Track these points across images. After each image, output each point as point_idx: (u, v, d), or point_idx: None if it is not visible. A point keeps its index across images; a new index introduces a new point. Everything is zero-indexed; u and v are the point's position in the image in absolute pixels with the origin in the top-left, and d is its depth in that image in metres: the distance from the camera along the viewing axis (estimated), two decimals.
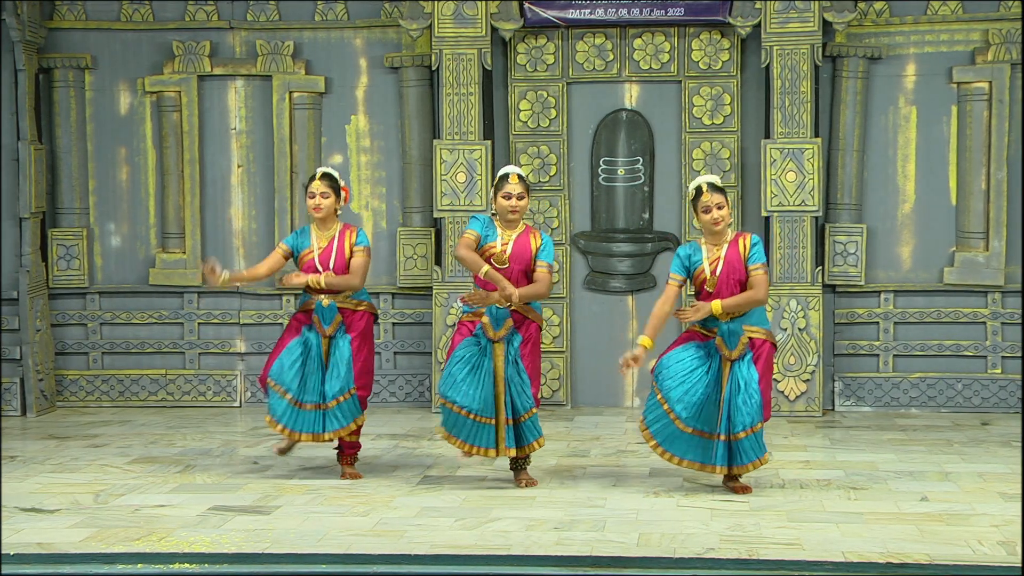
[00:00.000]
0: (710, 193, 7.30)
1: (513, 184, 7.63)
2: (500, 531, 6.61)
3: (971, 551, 6.17)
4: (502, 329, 7.59)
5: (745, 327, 7.33)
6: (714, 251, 7.37)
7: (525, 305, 7.65)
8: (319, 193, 7.93)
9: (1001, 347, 10.34)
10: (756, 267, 7.32)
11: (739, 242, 7.36)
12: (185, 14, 10.84)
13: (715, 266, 7.33)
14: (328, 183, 7.95)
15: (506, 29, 10.38)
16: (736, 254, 7.34)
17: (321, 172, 8.00)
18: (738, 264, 7.32)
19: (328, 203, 7.93)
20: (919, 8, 10.38)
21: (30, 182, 10.49)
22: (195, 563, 6.06)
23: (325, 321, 7.88)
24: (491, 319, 7.60)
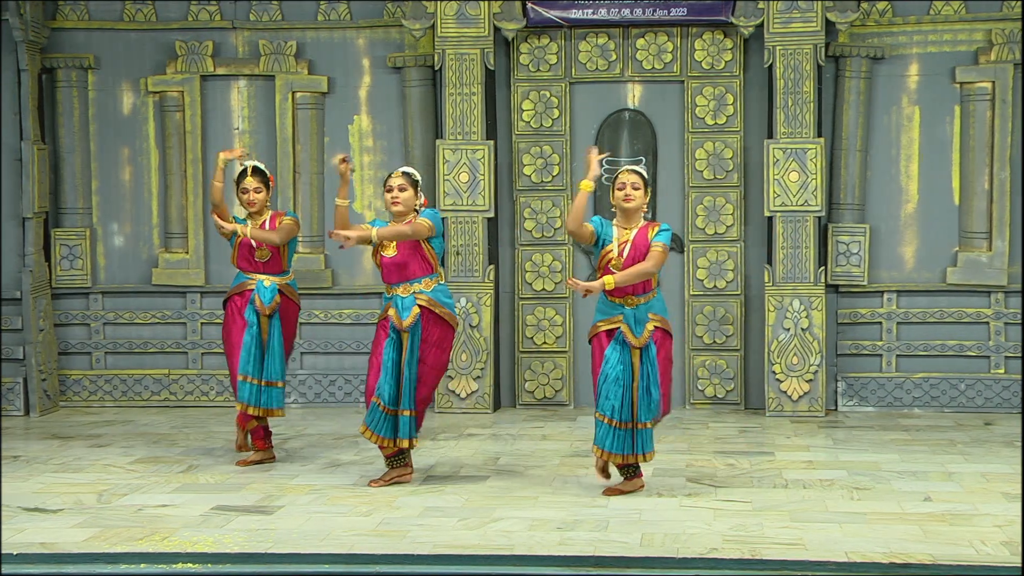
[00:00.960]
0: (627, 174, 7.41)
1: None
2: (503, 531, 6.61)
3: (974, 551, 6.16)
4: (408, 318, 7.67)
5: (650, 314, 7.38)
6: (624, 233, 7.41)
7: (429, 298, 7.72)
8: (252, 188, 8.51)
9: (1004, 347, 10.33)
10: (657, 243, 7.33)
11: (648, 229, 7.42)
12: (188, 14, 10.85)
13: (623, 248, 7.37)
14: (260, 178, 8.54)
15: (509, 29, 10.38)
16: (643, 239, 7.37)
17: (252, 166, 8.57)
18: (644, 248, 7.35)
19: (260, 197, 8.53)
20: (922, 8, 10.38)
21: (33, 182, 10.50)
22: (198, 563, 6.07)
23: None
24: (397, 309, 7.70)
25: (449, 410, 10.40)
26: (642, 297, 7.39)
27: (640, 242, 7.37)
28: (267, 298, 8.46)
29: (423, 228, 7.69)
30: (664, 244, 7.34)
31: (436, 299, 7.76)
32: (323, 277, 10.78)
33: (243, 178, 8.52)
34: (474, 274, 10.44)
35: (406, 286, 7.76)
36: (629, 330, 7.35)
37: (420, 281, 7.77)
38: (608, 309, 7.44)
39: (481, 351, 10.41)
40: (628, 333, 7.35)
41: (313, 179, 10.79)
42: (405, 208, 7.79)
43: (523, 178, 10.66)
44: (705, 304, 10.58)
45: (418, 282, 7.77)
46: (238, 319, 8.50)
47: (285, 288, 8.56)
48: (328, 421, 10.07)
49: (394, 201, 7.78)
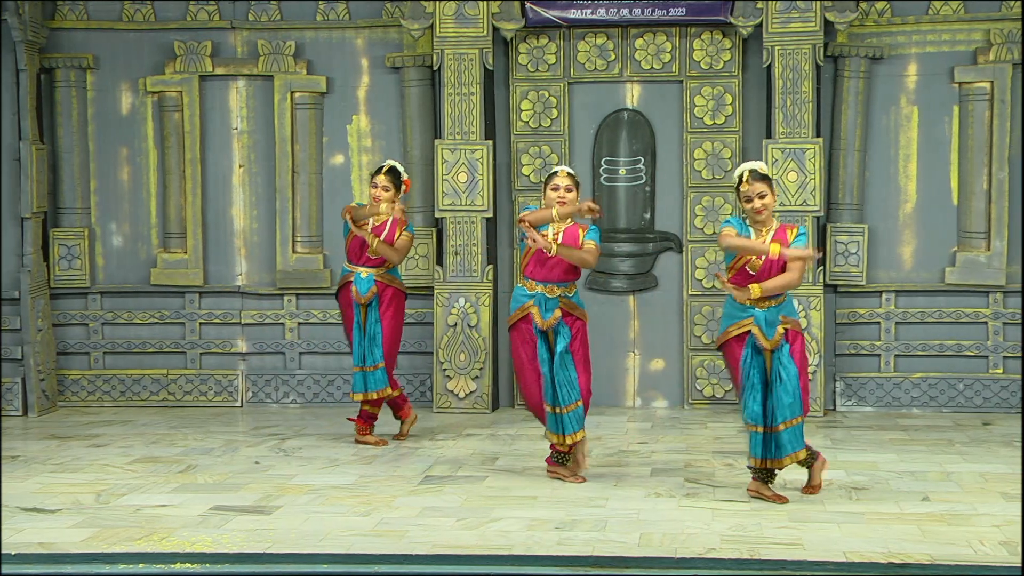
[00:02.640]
0: (750, 182, 7.25)
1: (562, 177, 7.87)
2: (501, 531, 6.61)
3: (972, 551, 6.17)
4: (551, 319, 7.81)
5: (781, 316, 7.24)
6: (759, 238, 7.27)
7: (571, 302, 7.88)
8: (380, 186, 8.88)
9: (1003, 347, 10.33)
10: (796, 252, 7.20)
11: (786, 232, 7.28)
12: (187, 14, 10.85)
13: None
14: (391, 178, 8.90)
15: (507, 29, 10.38)
16: (783, 242, 7.22)
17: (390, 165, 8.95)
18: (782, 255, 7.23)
19: (387, 196, 8.87)
20: (921, 8, 10.38)
21: (32, 182, 10.50)
22: (196, 563, 6.07)
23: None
24: (540, 307, 7.84)
25: (448, 410, 10.40)
26: (775, 299, 7.23)
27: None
28: (364, 288, 8.92)
29: (591, 260, 7.88)
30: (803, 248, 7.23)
31: (576, 303, 7.96)
32: (321, 277, 10.78)
33: (378, 173, 8.96)
34: (473, 274, 10.44)
35: (553, 288, 7.89)
36: (761, 333, 7.21)
37: (567, 285, 7.93)
38: (738, 312, 7.28)
39: (480, 351, 10.41)
40: (760, 336, 7.21)
41: (312, 179, 10.79)
42: (571, 210, 7.89)
43: (522, 178, 10.66)
44: (704, 304, 10.57)
45: (565, 286, 7.92)
46: (348, 311, 9.03)
47: (383, 276, 8.99)
48: (326, 421, 10.07)
49: (561, 200, 7.83)
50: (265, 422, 10.14)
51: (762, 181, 7.25)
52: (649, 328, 10.61)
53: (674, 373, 10.63)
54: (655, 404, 10.67)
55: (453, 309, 10.40)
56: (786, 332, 7.24)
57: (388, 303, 9.02)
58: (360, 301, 8.93)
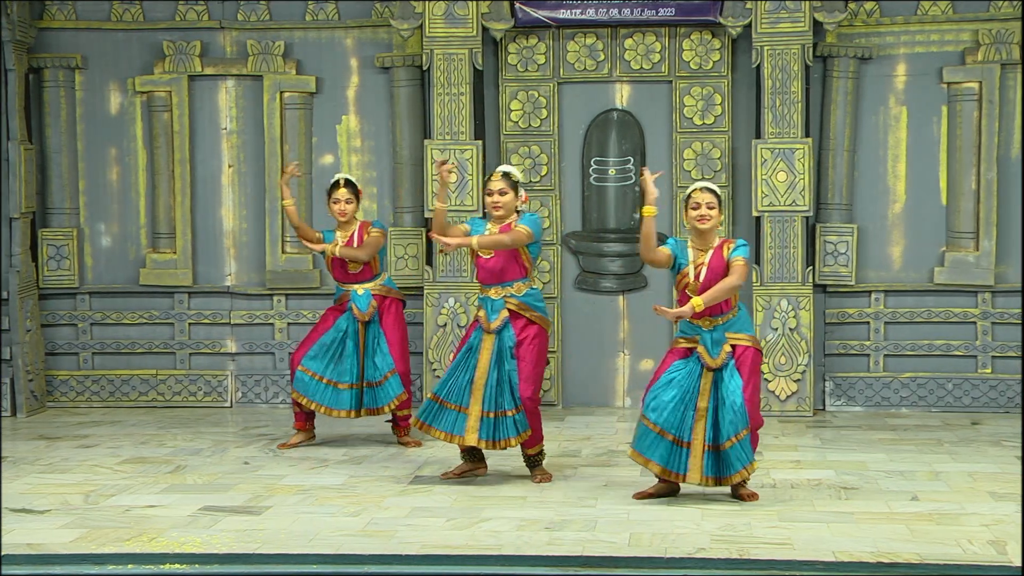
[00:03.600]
0: (702, 191, 7.28)
1: (495, 180, 7.82)
2: (491, 531, 6.61)
3: (961, 550, 6.18)
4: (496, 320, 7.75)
5: (728, 335, 7.26)
6: (699, 256, 7.30)
7: (519, 303, 7.78)
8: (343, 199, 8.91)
9: (991, 347, 10.36)
10: (737, 257, 7.22)
11: (723, 248, 7.30)
12: (175, 14, 10.83)
13: (699, 271, 7.26)
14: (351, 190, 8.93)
15: (497, 29, 10.38)
16: (720, 260, 7.25)
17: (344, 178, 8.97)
18: (721, 271, 7.22)
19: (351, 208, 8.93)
20: (909, 8, 10.40)
21: (20, 182, 10.47)
22: (186, 563, 6.06)
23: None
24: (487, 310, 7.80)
25: None
26: (721, 317, 7.24)
27: (716, 264, 7.24)
28: (363, 305, 8.90)
29: (522, 237, 7.74)
30: (744, 258, 7.23)
31: (527, 303, 7.82)
32: (311, 278, 10.77)
33: (335, 189, 8.94)
34: (462, 274, 10.43)
35: (498, 289, 7.83)
36: (706, 351, 7.23)
37: (512, 285, 7.83)
38: (689, 330, 7.32)
39: None
40: (705, 355, 7.23)
41: (301, 179, 10.78)
42: (506, 212, 7.84)
43: None
44: None
45: (510, 286, 7.83)
46: (328, 320, 9.01)
47: (381, 289, 9.00)
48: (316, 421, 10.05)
49: (495, 206, 7.81)
50: (255, 422, 10.13)
51: (712, 194, 7.28)
52: (639, 328, 10.62)
53: None
54: None
55: (443, 309, 10.40)
56: (733, 348, 7.25)
57: (388, 312, 9.00)
58: (362, 319, 8.88)
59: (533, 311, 7.80)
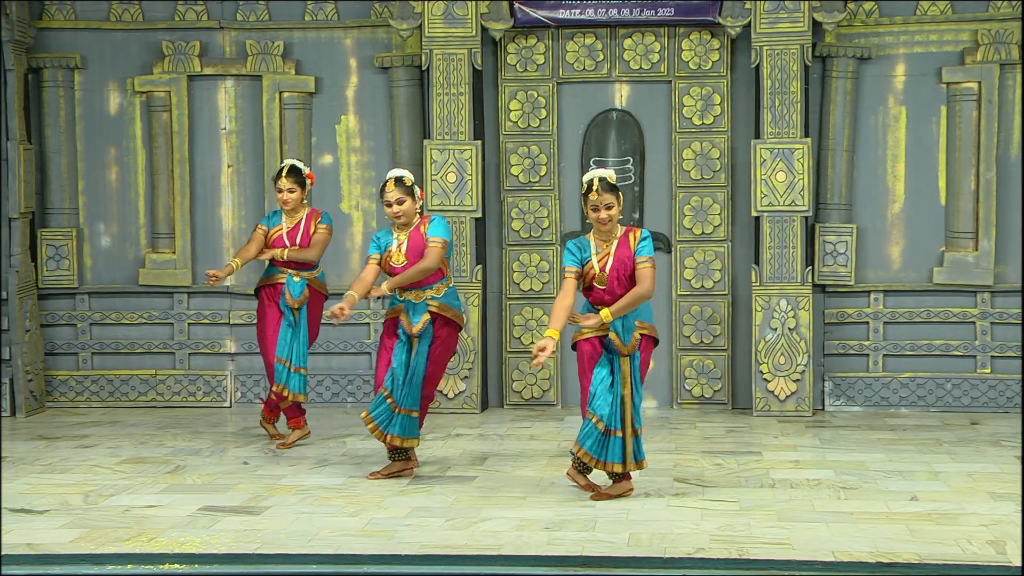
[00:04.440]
0: (599, 192, 7.23)
1: (390, 191, 7.84)
2: (490, 531, 6.61)
3: (960, 550, 6.18)
4: (419, 324, 7.78)
5: (637, 322, 7.32)
6: (603, 247, 7.33)
7: (441, 303, 7.83)
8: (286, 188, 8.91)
9: (990, 347, 10.36)
10: (643, 260, 7.26)
11: (629, 237, 7.34)
12: (175, 14, 10.83)
13: (604, 262, 7.30)
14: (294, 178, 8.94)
15: (496, 29, 10.38)
16: (627, 251, 7.30)
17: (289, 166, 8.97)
18: (628, 260, 7.28)
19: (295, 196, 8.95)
20: (908, 8, 10.40)
21: (19, 182, 10.47)
22: (185, 563, 6.06)
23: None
24: (408, 315, 7.84)
25: (437, 410, 10.39)
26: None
27: (622, 253, 7.30)
28: (296, 292, 8.96)
29: (439, 252, 7.80)
30: (650, 257, 7.28)
31: (447, 303, 7.89)
32: None
33: (279, 177, 8.97)
34: (462, 274, 10.43)
35: (418, 292, 7.85)
36: (617, 337, 7.28)
37: (432, 287, 7.87)
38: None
39: (469, 351, 10.41)
40: (617, 341, 7.28)
41: None
42: (408, 218, 7.89)
43: (511, 178, 10.67)
44: (692, 304, 10.59)
45: (430, 288, 7.87)
46: (274, 309, 9.03)
47: (314, 281, 9.06)
48: (315, 421, 10.04)
49: (396, 215, 7.87)
50: (254, 422, 10.12)
51: (611, 192, 7.25)
52: None
53: (663, 373, 10.63)
54: (643, 404, 10.64)
55: None
56: (641, 338, 7.31)
57: (313, 303, 9.04)
58: (293, 304, 8.93)
59: (452, 309, 7.90)
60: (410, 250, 7.83)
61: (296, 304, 8.95)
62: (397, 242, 7.87)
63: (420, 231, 7.88)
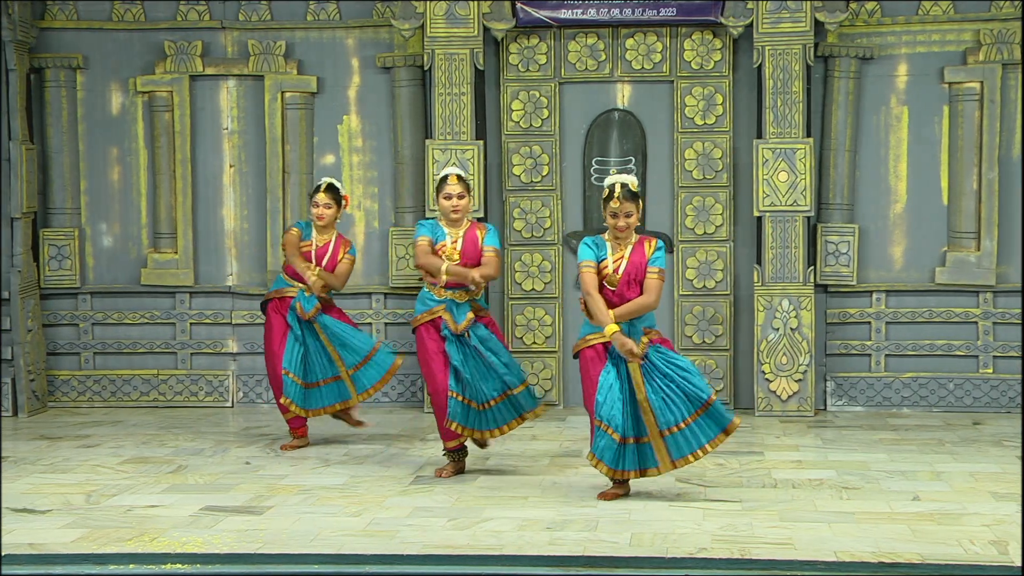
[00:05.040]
0: (620, 200, 7.25)
1: (452, 185, 7.91)
2: (492, 531, 6.61)
3: (963, 550, 6.18)
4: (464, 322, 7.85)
5: (644, 328, 7.32)
6: (619, 250, 7.36)
7: (479, 305, 7.99)
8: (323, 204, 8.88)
9: (992, 347, 10.36)
10: (652, 271, 7.29)
11: (644, 245, 7.36)
12: (177, 14, 10.83)
13: (619, 264, 7.32)
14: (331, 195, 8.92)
15: (498, 29, 10.38)
16: (641, 257, 7.32)
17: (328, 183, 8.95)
18: (642, 266, 7.31)
19: (330, 213, 8.92)
20: (911, 8, 10.40)
21: (21, 182, 10.47)
22: (187, 563, 6.06)
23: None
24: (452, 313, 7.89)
25: None
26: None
27: (637, 259, 7.31)
28: (308, 305, 8.88)
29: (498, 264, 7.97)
30: (661, 269, 7.31)
31: (481, 303, 8.03)
32: None
33: (316, 192, 8.95)
34: None
35: (462, 292, 7.94)
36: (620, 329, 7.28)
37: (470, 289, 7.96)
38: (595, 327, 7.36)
39: None
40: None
41: (303, 179, 10.78)
42: (462, 215, 8.00)
43: (512, 178, 10.67)
44: (694, 304, 10.59)
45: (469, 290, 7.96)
46: (280, 321, 8.98)
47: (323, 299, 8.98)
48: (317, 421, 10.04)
49: (455, 209, 7.93)
50: (256, 422, 10.13)
51: (631, 200, 7.28)
52: None
53: None
54: None
55: None
56: (650, 341, 7.30)
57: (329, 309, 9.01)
58: (305, 316, 8.87)
59: (484, 309, 8.05)
60: (464, 251, 7.92)
61: (308, 316, 8.85)
62: (451, 238, 7.92)
63: (475, 235, 7.95)
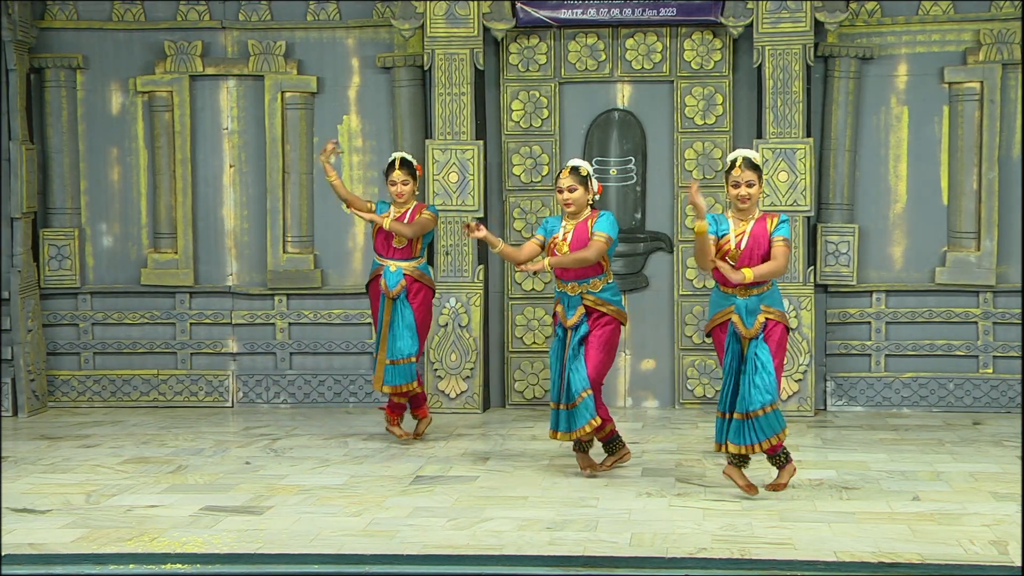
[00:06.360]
0: (742, 169, 7.25)
1: (564, 178, 7.90)
2: (492, 531, 6.61)
3: (963, 550, 6.18)
4: (574, 317, 7.83)
5: (763, 306, 7.27)
6: (741, 225, 7.32)
7: (596, 298, 7.85)
8: (400, 181, 8.96)
9: (992, 347, 10.36)
10: (778, 238, 7.26)
11: (767, 220, 7.33)
12: (177, 14, 10.83)
13: (740, 239, 7.27)
14: (407, 170, 8.99)
15: (498, 29, 10.38)
16: (763, 230, 7.29)
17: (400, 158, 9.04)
18: (763, 240, 7.26)
19: (408, 188, 8.98)
20: (911, 8, 10.40)
21: (21, 182, 10.47)
22: (187, 563, 6.06)
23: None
24: (564, 305, 7.90)
25: (438, 410, 10.40)
26: (756, 288, 7.26)
27: (759, 232, 7.28)
28: (392, 282, 8.95)
29: (603, 247, 7.83)
30: (786, 238, 7.28)
31: (604, 299, 7.89)
32: (312, 277, 10.77)
33: (391, 170, 9.02)
34: (464, 274, 10.44)
35: (574, 285, 7.89)
36: (740, 320, 7.25)
37: (588, 281, 7.88)
38: (721, 300, 7.35)
39: (471, 351, 10.41)
40: (739, 324, 7.25)
41: (303, 179, 10.79)
42: (578, 208, 7.93)
43: (512, 178, 10.67)
44: (695, 304, 10.58)
45: (587, 282, 7.88)
46: (376, 303, 9.10)
47: (413, 272, 9.03)
48: (317, 421, 10.07)
49: (567, 203, 7.90)
50: (256, 422, 10.13)
51: (753, 170, 7.28)
52: (640, 328, 10.62)
53: (665, 373, 10.63)
54: (646, 404, 10.68)
55: (444, 309, 10.40)
56: (766, 322, 7.27)
57: (415, 295, 9.05)
58: (389, 295, 8.95)
59: (609, 305, 7.89)
60: (574, 241, 7.86)
61: (392, 294, 8.91)
62: (564, 231, 7.91)
63: (587, 224, 7.90)
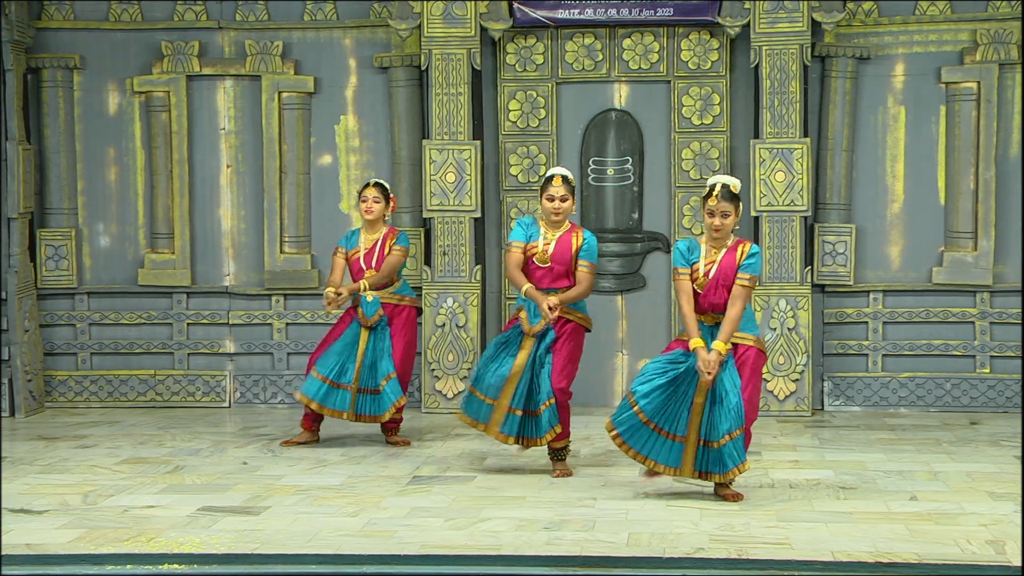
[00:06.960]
0: (718, 200, 7.19)
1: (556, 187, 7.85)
2: (490, 531, 6.61)
3: (960, 550, 6.18)
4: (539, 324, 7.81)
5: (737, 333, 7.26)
6: (712, 253, 7.29)
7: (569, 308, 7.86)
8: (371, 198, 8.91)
9: (990, 346, 10.36)
10: (743, 277, 7.21)
11: (738, 249, 7.28)
12: (174, 14, 10.83)
13: (709, 268, 7.25)
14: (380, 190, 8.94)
15: (495, 29, 10.38)
16: (732, 261, 7.24)
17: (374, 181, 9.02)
18: (731, 271, 7.22)
19: (379, 208, 8.93)
20: (908, 8, 10.40)
21: (18, 182, 10.47)
22: (184, 564, 6.06)
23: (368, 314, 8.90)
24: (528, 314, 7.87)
25: (436, 410, 10.40)
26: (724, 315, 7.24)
27: (727, 263, 7.23)
28: (370, 312, 8.87)
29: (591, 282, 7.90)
30: (753, 275, 7.22)
31: (571, 307, 7.88)
32: (309, 278, 10.77)
33: (365, 188, 9.01)
34: (461, 274, 10.44)
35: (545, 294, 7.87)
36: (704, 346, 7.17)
37: (559, 291, 7.90)
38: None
39: (468, 351, 10.41)
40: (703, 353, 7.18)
41: (300, 179, 10.78)
42: (563, 218, 7.95)
43: (510, 178, 10.67)
44: None
45: (558, 292, 7.89)
46: (343, 322, 9.01)
47: (392, 298, 9.00)
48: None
49: (557, 212, 7.89)
50: (253, 423, 10.13)
51: (730, 201, 7.22)
52: (637, 328, 10.62)
53: None
54: None
55: (441, 309, 10.40)
56: (735, 347, 7.23)
57: (397, 316, 9.01)
58: (365, 324, 8.88)
59: (577, 312, 7.92)
60: (555, 255, 7.85)
61: (368, 323, 8.84)
62: (545, 240, 7.86)
63: (569, 239, 7.88)
